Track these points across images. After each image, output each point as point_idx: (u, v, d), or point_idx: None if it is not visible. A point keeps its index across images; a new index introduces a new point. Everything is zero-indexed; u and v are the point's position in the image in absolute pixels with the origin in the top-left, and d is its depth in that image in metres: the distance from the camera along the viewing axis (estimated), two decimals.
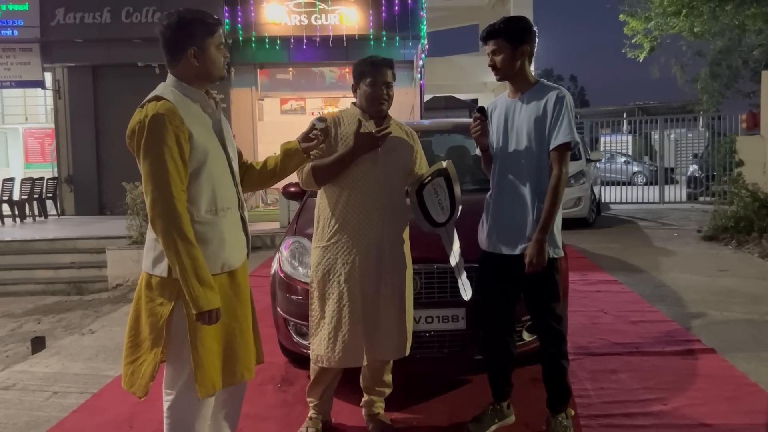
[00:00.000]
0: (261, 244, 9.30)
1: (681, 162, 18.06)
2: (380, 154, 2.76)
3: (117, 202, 10.10)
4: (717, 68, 17.87)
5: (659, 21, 13.54)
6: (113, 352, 4.57)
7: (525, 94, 2.81)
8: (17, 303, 8.47)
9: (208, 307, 2.09)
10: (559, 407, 2.90)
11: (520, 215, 2.77)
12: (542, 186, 2.74)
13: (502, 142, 2.83)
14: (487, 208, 2.92)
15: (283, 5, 14.09)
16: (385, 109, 2.83)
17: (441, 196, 2.82)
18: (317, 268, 2.81)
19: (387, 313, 2.77)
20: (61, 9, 13.86)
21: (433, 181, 2.84)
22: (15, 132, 17.90)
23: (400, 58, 14.22)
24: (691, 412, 3.17)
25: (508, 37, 2.75)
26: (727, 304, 5.34)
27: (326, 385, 2.97)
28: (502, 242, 2.82)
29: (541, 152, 2.75)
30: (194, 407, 2.25)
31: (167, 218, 2.07)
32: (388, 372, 3.01)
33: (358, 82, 2.83)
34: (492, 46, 2.78)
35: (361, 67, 2.81)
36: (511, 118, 2.82)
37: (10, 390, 3.83)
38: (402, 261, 2.84)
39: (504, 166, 2.83)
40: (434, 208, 2.84)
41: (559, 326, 2.84)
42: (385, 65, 2.79)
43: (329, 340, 2.74)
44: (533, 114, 2.75)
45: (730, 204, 9.38)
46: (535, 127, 2.74)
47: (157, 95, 2.18)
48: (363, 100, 2.82)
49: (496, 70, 2.80)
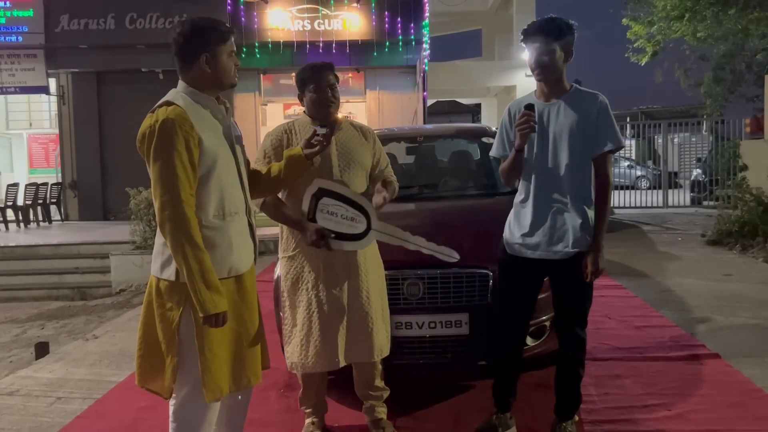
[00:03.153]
0: (265, 249, 9.29)
1: (684, 166, 18.02)
2: (335, 160, 2.77)
3: (121, 208, 10.11)
4: (720, 72, 17.82)
5: (662, 25, 13.54)
6: (117, 357, 4.57)
7: (563, 98, 2.73)
8: (21, 308, 8.48)
9: (215, 310, 2.11)
10: (569, 414, 2.89)
11: (561, 220, 2.72)
12: (583, 190, 2.72)
13: (537, 146, 2.74)
14: (518, 214, 2.84)
15: (287, 11, 14.13)
16: (333, 111, 2.83)
17: (339, 211, 2.68)
18: (286, 277, 2.85)
19: (357, 314, 2.78)
20: (66, 15, 13.92)
21: (318, 205, 2.68)
22: (19, 137, 17.97)
23: (403, 63, 14.25)
24: (696, 417, 3.16)
25: (555, 35, 2.65)
26: (731, 308, 5.32)
27: (316, 388, 2.99)
28: (540, 247, 2.75)
29: (584, 157, 2.70)
30: (200, 412, 2.26)
31: (176, 222, 2.09)
32: (377, 377, 2.99)
33: (303, 90, 2.84)
34: (538, 43, 2.65)
35: (302, 74, 2.83)
36: (546, 122, 2.73)
37: (14, 395, 3.83)
38: (372, 261, 2.85)
39: (542, 171, 2.75)
40: (342, 226, 2.68)
41: (583, 333, 2.83)
42: (326, 69, 2.81)
43: (302, 347, 2.77)
44: (576, 119, 2.69)
45: (735, 208, 9.35)
46: (579, 132, 2.68)
47: (168, 100, 2.21)
48: (311, 106, 2.83)
49: (544, 69, 2.67)
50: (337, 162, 2.78)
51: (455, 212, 3.96)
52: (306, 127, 2.81)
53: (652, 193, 15.27)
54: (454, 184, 4.77)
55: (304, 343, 2.76)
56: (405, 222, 3.01)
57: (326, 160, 2.76)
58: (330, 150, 2.75)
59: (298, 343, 2.79)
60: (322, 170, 2.74)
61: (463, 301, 3.18)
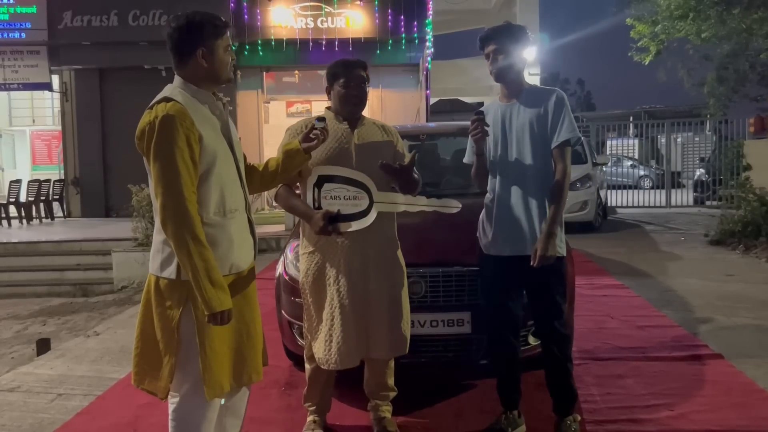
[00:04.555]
0: (266, 247, 9.28)
1: (688, 166, 18.00)
2: (355, 157, 2.76)
3: (123, 205, 10.10)
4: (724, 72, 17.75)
5: (666, 24, 13.50)
6: (118, 354, 4.57)
7: (521, 96, 2.86)
8: (23, 305, 8.49)
9: (220, 308, 2.10)
10: (567, 410, 2.89)
11: (527, 216, 2.79)
12: (547, 185, 2.79)
13: (501, 146, 2.86)
14: (489, 213, 2.91)
15: (290, 8, 14.11)
16: (360, 109, 2.83)
17: (341, 193, 2.68)
18: (306, 273, 2.82)
19: (378, 310, 2.76)
20: (69, 12, 13.91)
21: (321, 193, 2.69)
22: (22, 134, 17.98)
23: (406, 61, 14.22)
24: (698, 418, 3.14)
25: (509, 38, 2.82)
26: (734, 309, 5.30)
27: (322, 386, 2.97)
28: (509, 244, 2.82)
29: (545, 152, 2.80)
30: (200, 410, 2.24)
31: (179, 220, 2.08)
32: (390, 376, 3.00)
33: (332, 84, 2.83)
34: (494, 46, 2.82)
35: (333, 68, 2.82)
36: (508, 122, 2.85)
37: (14, 392, 3.83)
38: (391, 258, 2.83)
39: (506, 169, 2.84)
40: (347, 207, 2.67)
41: (563, 329, 2.84)
42: (357, 66, 2.81)
43: (326, 343, 2.75)
44: (534, 116, 2.80)
45: (738, 208, 9.34)
46: (538, 127, 2.79)
47: (166, 96, 2.19)
48: (337, 101, 2.83)
49: (498, 71, 2.84)
50: (355, 158, 2.77)
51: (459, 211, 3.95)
52: (329, 122, 2.79)
53: (655, 193, 15.26)
54: (457, 183, 4.76)
55: (328, 339, 2.74)
56: (406, 219, 2.99)
57: (345, 155, 2.75)
58: (350, 145, 2.76)
59: (323, 339, 2.76)
60: (340, 164, 2.73)
61: (465, 300, 3.17)
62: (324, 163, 2.73)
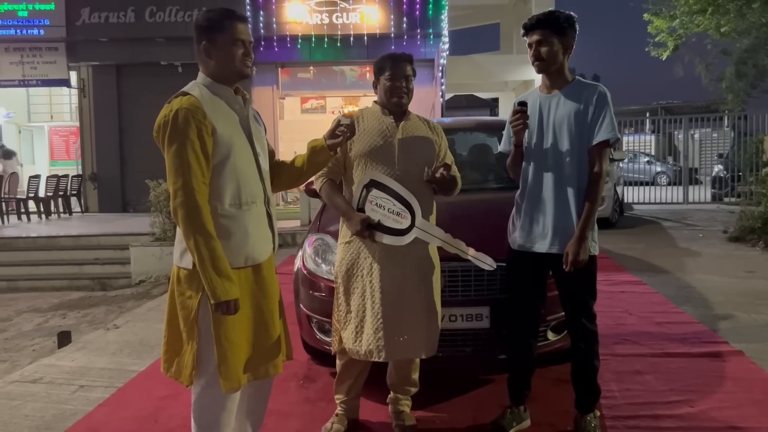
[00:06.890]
0: (282, 242, 9.30)
1: (705, 162, 17.81)
2: (398, 152, 2.76)
3: (140, 200, 10.20)
4: (743, 67, 17.56)
5: (684, 19, 13.37)
6: (137, 347, 4.61)
7: (563, 89, 2.76)
8: (43, 298, 8.59)
9: (225, 297, 2.12)
10: (589, 407, 2.88)
11: (562, 213, 2.72)
12: (583, 183, 2.71)
13: (537, 138, 2.77)
14: (519, 207, 2.87)
15: (305, 4, 14.14)
16: (405, 103, 2.82)
17: (387, 204, 2.69)
18: (341, 263, 2.83)
19: (413, 310, 2.75)
20: (86, 9, 14.07)
21: (368, 197, 2.71)
22: (41, 130, 18.20)
23: (421, 56, 14.19)
24: (719, 414, 3.12)
25: (554, 28, 2.69)
26: (755, 305, 5.24)
27: (353, 381, 2.97)
28: (540, 240, 2.76)
29: (582, 149, 2.71)
30: (220, 401, 2.27)
31: (187, 209, 2.12)
32: (415, 370, 3.00)
33: (378, 77, 2.84)
34: (537, 36, 2.70)
35: (381, 62, 2.83)
36: (547, 114, 2.76)
37: (37, 383, 3.89)
38: (427, 257, 2.82)
39: (541, 164, 2.77)
40: (388, 219, 2.69)
41: (592, 326, 2.82)
42: (404, 59, 2.81)
43: (356, 334, 2.75)
44: (574, 110, 2.70)
45: (757, 204, 9.21)
46: (576, 123, 2.70)
47: (183, 91, 2.24)
48: (382, 94, 2.83)
49: (540, 62, 2.72)
50: (397, 152, 2.76)
51: (475, 205, 3.95)
52: (374, 115, 2.81)
53: (672, 189, 15.11)
54: (474, 178, 4.74)
55: (359, 330, 2.75)
56: None
57: (389, 149, 2.75)
58: (393, 139, 2.77)
59: (353, 330, 2.77)
60: (383, 158, 2.74)
61: (483, 295, 3.16)
62: (366, 155, 2.75)
